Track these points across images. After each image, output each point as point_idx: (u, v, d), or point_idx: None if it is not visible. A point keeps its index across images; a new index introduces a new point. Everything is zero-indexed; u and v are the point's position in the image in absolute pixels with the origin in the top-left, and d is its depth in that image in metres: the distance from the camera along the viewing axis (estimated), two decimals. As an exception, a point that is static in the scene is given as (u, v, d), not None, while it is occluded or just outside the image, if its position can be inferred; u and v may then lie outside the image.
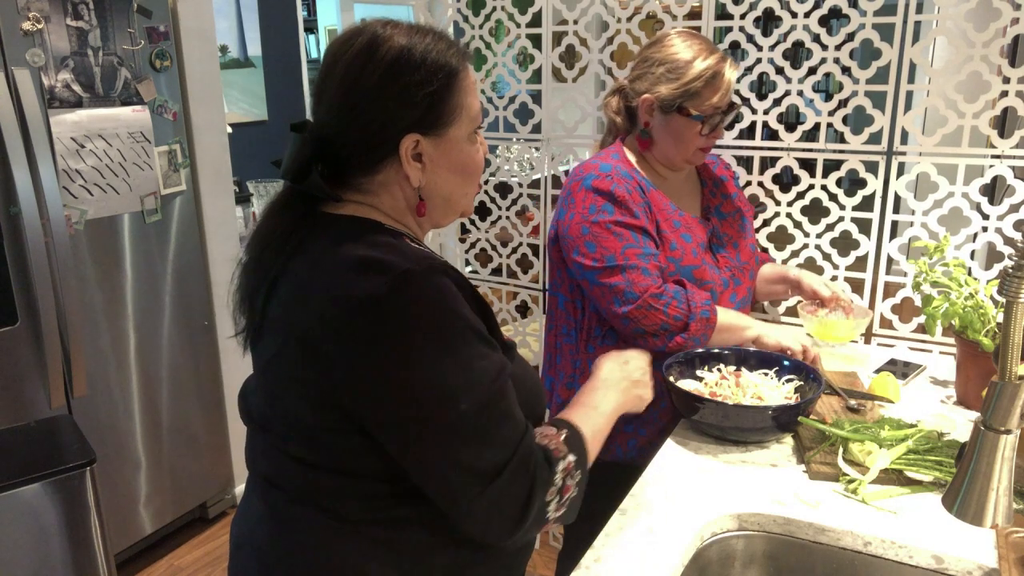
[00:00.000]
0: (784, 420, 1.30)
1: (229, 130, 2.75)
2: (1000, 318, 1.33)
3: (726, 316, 1.51)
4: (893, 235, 1.92)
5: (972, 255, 1.84)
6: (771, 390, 1.39)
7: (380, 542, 0.94)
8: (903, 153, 1.84)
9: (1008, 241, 1.70)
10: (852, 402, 1.45)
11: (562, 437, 0.97)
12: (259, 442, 1.01)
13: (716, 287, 1.56)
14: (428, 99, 0.94)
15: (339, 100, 0.95)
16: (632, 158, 1.60)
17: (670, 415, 1.58)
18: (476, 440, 0.88)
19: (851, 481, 1.19)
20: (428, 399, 0.86)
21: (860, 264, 1.94)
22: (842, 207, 1.93)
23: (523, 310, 2.64)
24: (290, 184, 0.97)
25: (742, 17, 1.91)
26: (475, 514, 0.89)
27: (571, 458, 0.95)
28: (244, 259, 0.99)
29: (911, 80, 1.83)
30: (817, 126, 1.95)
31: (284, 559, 0.97)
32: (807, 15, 1.84)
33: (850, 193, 1.92)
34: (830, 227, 1.97)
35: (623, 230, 1.49)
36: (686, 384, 1.41)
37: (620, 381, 1.16)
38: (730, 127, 1.99)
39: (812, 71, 1.89)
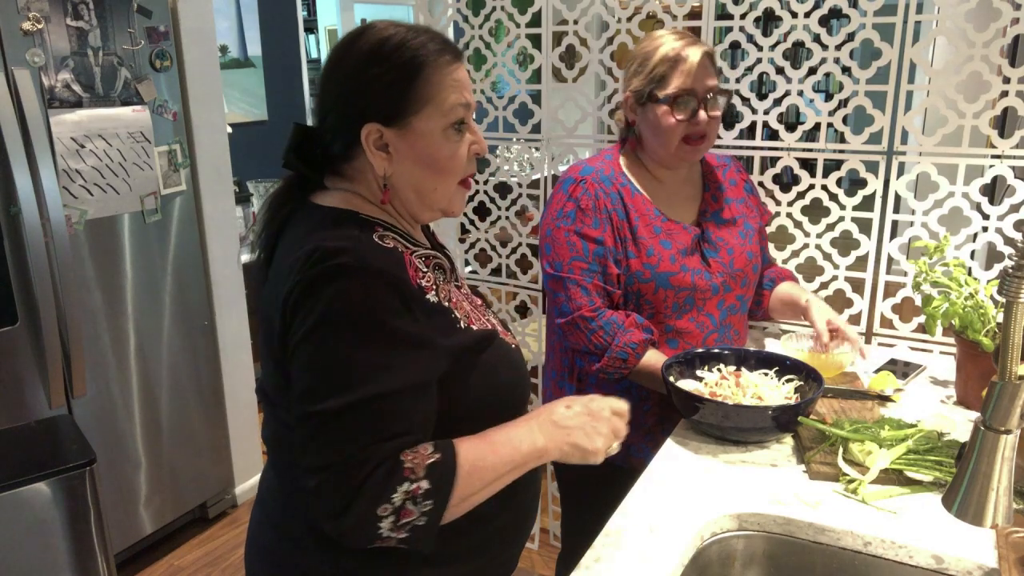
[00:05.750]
0: (784, 420, 1.30)
1: (229, 130, 2.75)
2: (1000, 318, 1.33)
3: (649, 361, 1.48)
4: (893, 235, 1.92)
5: (972, 255, 1.84)
6: (771, 390, 1.39)
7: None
8: (903, 153, 1.84)
9: (1008, 241, 1.70)
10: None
11: (428, 461, 0.91)
12: (264, 409, 1.10)
13: (704, 293, 1.55)
14: (388, 89, 0.97)
15: (322, 87, 1.02)
16: (624, 161, 1.60)
17: (655, 418, 1.58)
18: (325, 435, 0.90)
19: (851, 481, 1.19)
20: (316, 380, 0.91)
21: (860, 264, 1.94)
22: (842, 207, 1.93)
23: (523, 310, 2.64)
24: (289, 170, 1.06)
25: (742, 17, 1.91)
26: (306, 489, 0.91)
27: (424, 484, 0.90)
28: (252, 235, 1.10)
29: (911, 80, 1.83)
30: (817, 126, 1.95)
31: (280, 518, 1.07)
32: (807, 15, 1.84)
33: (850, 193, 1.92)
34: (830, 227, 1.97)
35: (577, 240, 1.51)
36: (686, 384, 1.41)
37: (546, 424, 1.03)
38: (730, 126, 1.99)
39: (812, 71, 1.89)
